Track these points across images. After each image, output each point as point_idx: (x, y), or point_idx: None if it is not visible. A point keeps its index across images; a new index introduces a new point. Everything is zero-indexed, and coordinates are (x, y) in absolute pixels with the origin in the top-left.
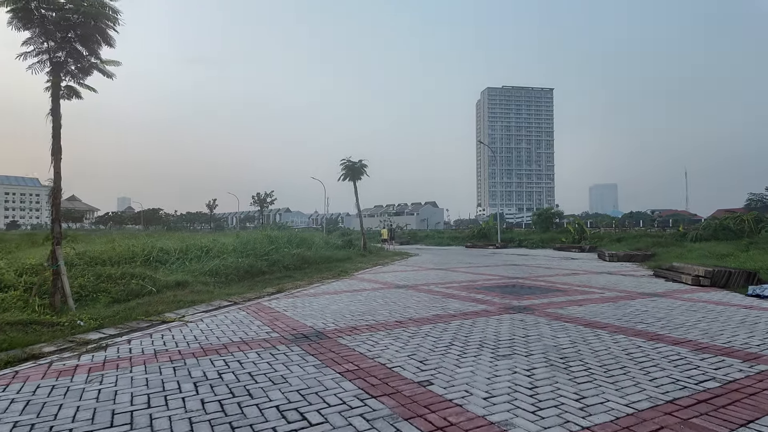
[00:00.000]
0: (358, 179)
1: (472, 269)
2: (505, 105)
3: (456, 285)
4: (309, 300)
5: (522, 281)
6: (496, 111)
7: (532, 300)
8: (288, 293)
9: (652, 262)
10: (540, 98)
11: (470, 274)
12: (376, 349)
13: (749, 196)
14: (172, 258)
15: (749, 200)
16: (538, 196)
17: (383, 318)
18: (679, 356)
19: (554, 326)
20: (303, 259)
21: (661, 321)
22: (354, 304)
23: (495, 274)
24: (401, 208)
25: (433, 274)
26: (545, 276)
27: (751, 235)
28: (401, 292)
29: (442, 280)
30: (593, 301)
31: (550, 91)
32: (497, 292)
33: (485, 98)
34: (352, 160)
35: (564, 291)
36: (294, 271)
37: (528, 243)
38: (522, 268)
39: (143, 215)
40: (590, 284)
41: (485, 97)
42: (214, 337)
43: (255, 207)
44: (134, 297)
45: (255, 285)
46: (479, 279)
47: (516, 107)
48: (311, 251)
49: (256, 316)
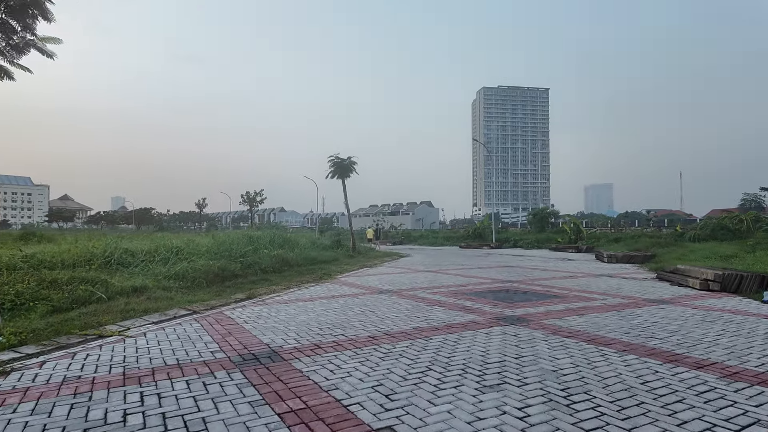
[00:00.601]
0: (347, 177)
1: (463, 271)
2: (501, 105)
3: (444, 290)
4: (278, 308)
5: (516, 285)
6: (492, 111)
7: (527, 308)
8: (258, 300)
9: (653, 263)
10: (535, 98)
11: (461, 277)
12: (336, 375)
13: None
14: (137, 260)
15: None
16: (534, 196)
17: (355, 332)
18: (706, 386)
19: (552, 342)
20: (284, 261)
21: (675, 335)
22: (327, 313)
23: (488, 277)
24: (396, 208)
25: (421, 277)
26: (541, 279)
27: (749, 235)
28: (383, 299)
29: (430, 284)
30: (595, 309)
31: (545, 91)
32: (489, 298)
33: (481, 98)
34: (340, 156)
35: (562, 297)
36: (272, 275)
37: (523, 243)
38: (516, 270)
39: (134, 215)
40: (590, 289)
41: (481, 97)
42: (146, 358)
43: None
44: (80, 305)
45: (224, 290)
46: (470, 283)
47: (512, 107)
48: (294, 252)
49: (210, 329)
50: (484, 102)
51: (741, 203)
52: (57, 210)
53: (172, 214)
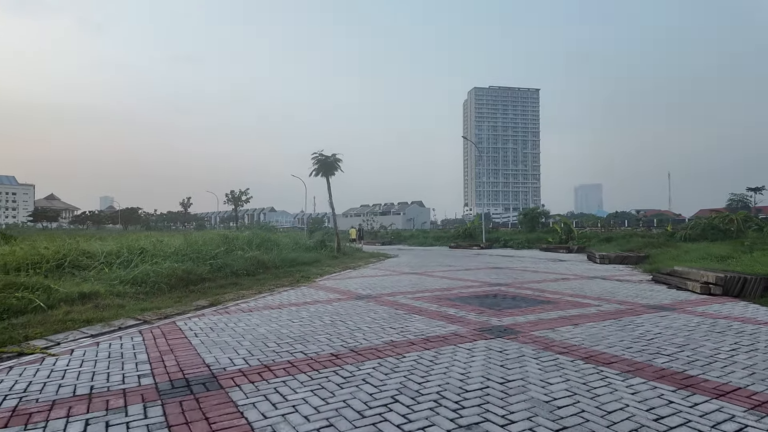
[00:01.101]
0: (332, 175)
1: (451, 273)
2: (492, 105)
3: (428, 295)
4: (239, 318)
5: (505, 289)
6: (483, 111)
7: (516, 317)
8: (221, 307)
9: (647, 264)
10: (526, 98)
11: (448, 280)
12: (278, 411)
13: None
14: (95, 263)
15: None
16: (524, 196)
17: (317, 348)
18: (735, 423)
19: (544, 361)
20: (259, 263)
21: (683, 350)
22: (292, 324)
23: (475, 280)
24: (387, 208)
25: (405, 280)
26: (532, 282)
27: (740, 235)
28: (359, 306)
29: (413, 287)
30: (591, 317)
31: (536, 92)
32: (474, 304)
33: (472, 98)
34: (324, 153)
35: (554, 302)
36: (245, 278)
37: (514, 243)
38: (506, 272)
39: (120, 214)
40: (584, 293)
41: (472, 97)
42: (55, 385)
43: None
44: (11, 316)
45: (187, 296)
46: (456, 286)
47: (503, 107)
48: (273, 253)
49: (151, 345)
50: (476, 102)
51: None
52: (41, 210)
53: (160, 214)
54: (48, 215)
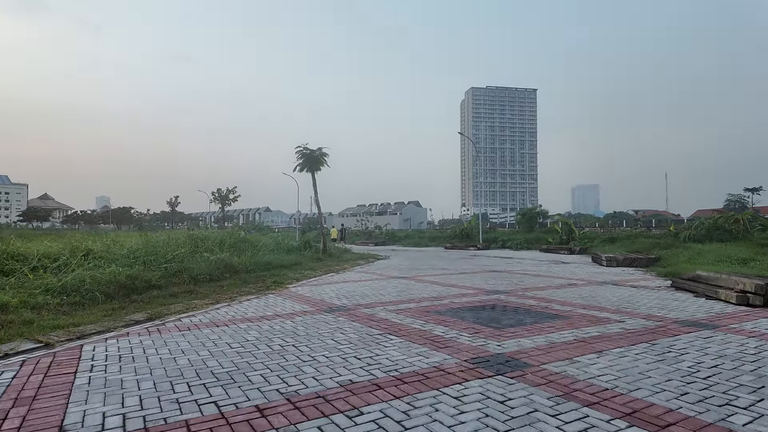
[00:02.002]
0: (318, 170)
1: (443, 278)
2: (489, 105)
3: (413, 306)
4: (168, 339)
5: (505, 298)
6: (480, 111)
7: (521, 339)
8: (159, 322)
9: (660, 267)
10: (523, 99)
11: (439, 286)
12: None
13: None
14: (25, 267)
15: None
16: (522, 196)
17: (239, 394)
18: None
19: (568, 421)
20: (226, 266)
21: (763, 396)
22: (229, 350)
23: (471, 286)
24: (384, 208)
25: (390, 287)
26: (535, 289)
27: (747, 235)
28: (326, 322)
29: (398, 296)
30: (615, 339)
31: (533, 92)
32: (468, 319)
33: (469, 98)
34: (309, 147)
35: (566, 317)
36: (206, 284)
37: (512, 244)
38: (505, 277)
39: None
40: (598, 303)
41: (469, 97)
42: None
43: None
44: None
45: (124, 307)
46: (448, 294)
47: (500, 107)
48: (245, 256)
49: (16, 387)
50: (473, 102)
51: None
52: (32, 209)
53: (153, 214)
54: (38, 215)
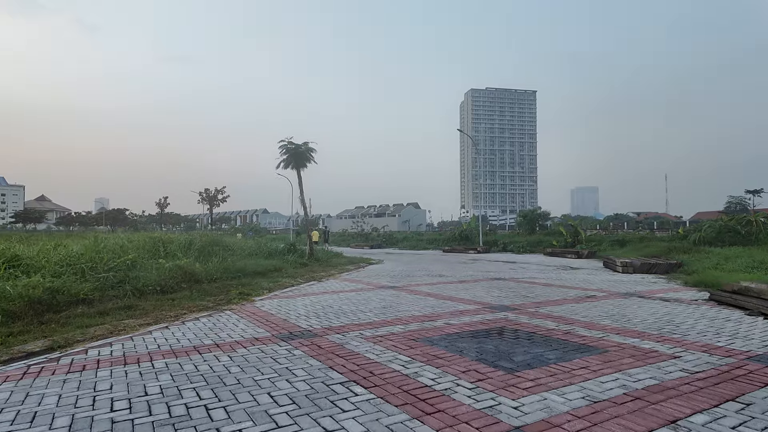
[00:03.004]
0: (303, 167)
1: (439, 288)
2: (489, 107)
3: (397, 331)
4: (29, 392)
5: (514, 318)
6: (480, 113)
7: (546, 393)
8: (57, 355)
9: (684, 275)
10: (523, 100)
11: (434, 299)
12: None
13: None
14: None
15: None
16: (521, 198)
17: None
18: None
19: None
20: (186, 275)
21: None
22: (100, 416)
23: (471, 300)
24: (383, 210)
25: (376, 300)
26: (549, 303)
27: (760, 237)
28: (276, 358)
29: (382, 313)
30: (683, 392)
31: (533, 94)
32: (469, 355)
33: (469, 100)
34: (294, 142)
35: (598, 348)
36: (156, 297)
37: (514, 247)
38: (510, 286)
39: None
40: (633, 325)
41: (469, 99)
42: None
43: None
44: None
45: (28, 331)
46: (443, 311)
47: (499, 109)
48: (213, 262)
49: None
50: (472, 104)
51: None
52: (25, 211)
53: (148, 215)
54: (31, 216)
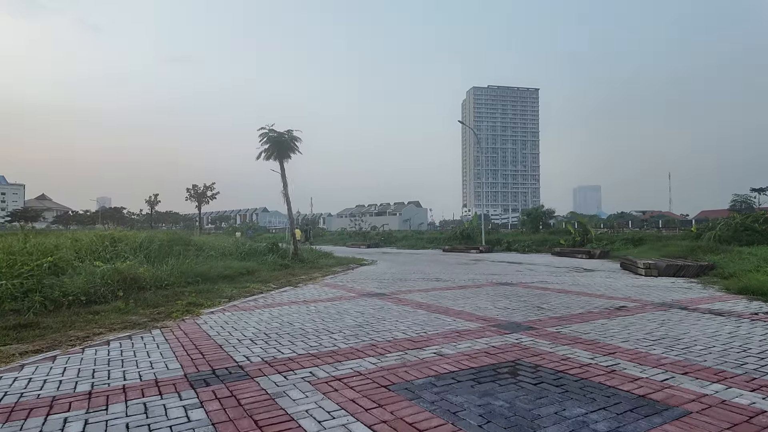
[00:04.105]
0: (287, 158)
1: (435, 296)
2: (491, 105)
3: (368, 368)
4: None
5: (532, 344)
6: (482, 111)
7: None
8: None
9: (719, 278)
10: (525, 98)
11: (425, 312)
12: None
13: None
14: None
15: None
16: (524, 196)
17: None
18: None
19: None
20: (125, 281)
21: None
22: None
23: (472, 314)
24: (383, 208)
25: (353, 313)
26: (572, 318)
27: None
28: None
29: (353, 336)
30: None
31: (535, 92)
32: (469, 421)
33: (471, 98)
34: (276, 129)
35: (670, 403)
36: (74, 310)
37: (519, 246)
38: (521, 294)
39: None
40: (701, 358)
41: (471, 97)
42: None
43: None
44: None
45: None
46: (436, 333)
47: (502, 107)
48: (168, 264)
49: None
50: (474, 102)
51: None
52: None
53: (145, 214)
54: (27, 215)
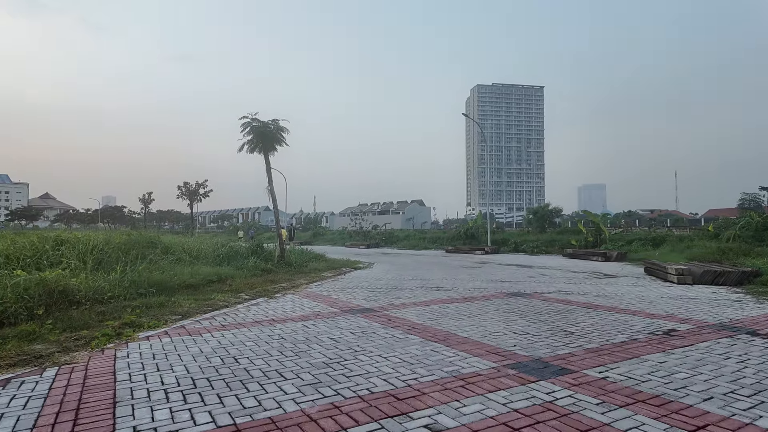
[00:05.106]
0: (273, 151)
1: (432, 314)
2: (496, 103)
3: None
4: None
5: (572, 407)
6: (486, 109)
7: None
8: None
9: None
10: (530, 96)
11: (418, 341)
12: None
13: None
14: None
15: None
16: (528, 195)
17: None
18: None
19: None
20: (50, 295)
21: None
22: None
23: (481, 347)
24: (386, 207)
25: (324, 344)
26: (616, 351)
27: None
28: None
29: (310, 388)
30: None
31: (540, 89)
32: None
33: (475, 96)
34: (260, 119)
35: None
36: None
37: (527, 247)
38: (539, 310)
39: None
40: None
41: (475, 95)
42: None
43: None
44: None
45: None
46: (430, 383)
47: (506, 105)
48: (116, 272)
49: None
50: (478, 100)
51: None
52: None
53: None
54: (27, 214)
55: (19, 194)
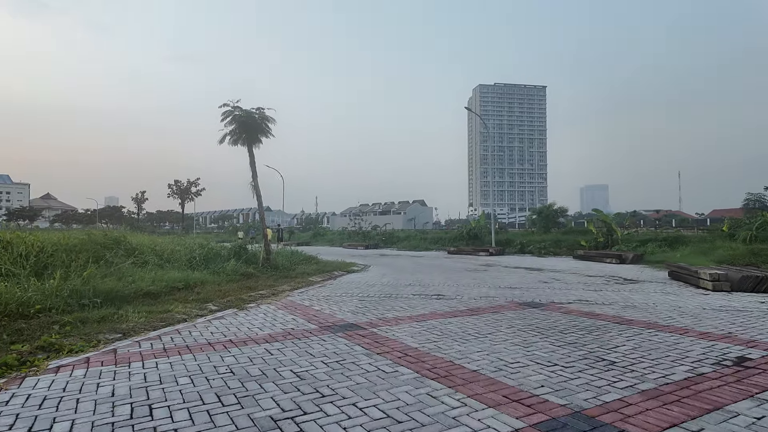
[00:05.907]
0: (257, 142)
1: (431, 332)
2: (498, 103)
3: None
4: None
5: None
6: (488, 109)
7: None
8: None
9: None
10: (533, 96)
11: (411, 381)
12: None
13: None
14: None
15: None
16: (531, 195)
17: None
18: None
19: None
20: None
21: None
22: None
23: (498, 389)
24: (388, 207)
25: (288, 380)
26: (686, 398)
27: None
28: None
29: None
30: None
31: (542, 89)
32: None
33: (477, 95)
34: (242, 107)
35: None
36: None
37: (534, 248)
38: (562, 327)
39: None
40: None
41: (477, 95)
42: None
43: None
44: None
45: None
46: None
47: (508, 105)
48: (56, 279)
49: None
50: (480, 100)
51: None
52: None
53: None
54: (26, 214)
55: (20, 194)
